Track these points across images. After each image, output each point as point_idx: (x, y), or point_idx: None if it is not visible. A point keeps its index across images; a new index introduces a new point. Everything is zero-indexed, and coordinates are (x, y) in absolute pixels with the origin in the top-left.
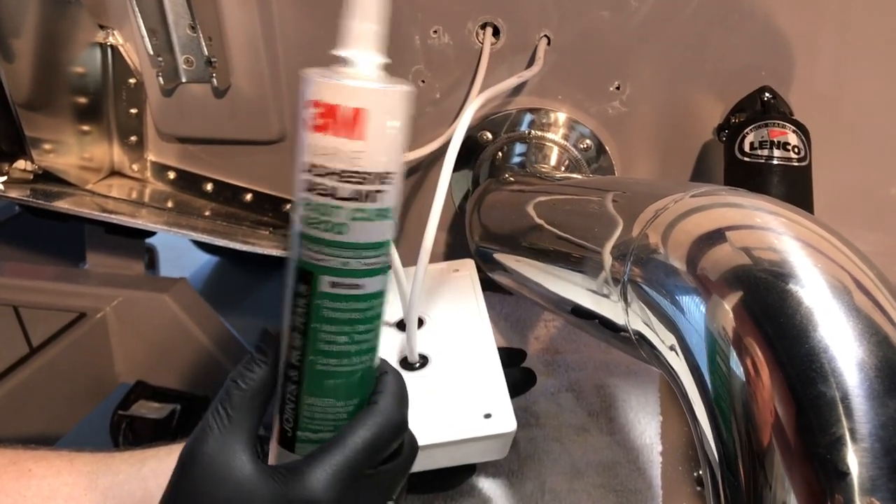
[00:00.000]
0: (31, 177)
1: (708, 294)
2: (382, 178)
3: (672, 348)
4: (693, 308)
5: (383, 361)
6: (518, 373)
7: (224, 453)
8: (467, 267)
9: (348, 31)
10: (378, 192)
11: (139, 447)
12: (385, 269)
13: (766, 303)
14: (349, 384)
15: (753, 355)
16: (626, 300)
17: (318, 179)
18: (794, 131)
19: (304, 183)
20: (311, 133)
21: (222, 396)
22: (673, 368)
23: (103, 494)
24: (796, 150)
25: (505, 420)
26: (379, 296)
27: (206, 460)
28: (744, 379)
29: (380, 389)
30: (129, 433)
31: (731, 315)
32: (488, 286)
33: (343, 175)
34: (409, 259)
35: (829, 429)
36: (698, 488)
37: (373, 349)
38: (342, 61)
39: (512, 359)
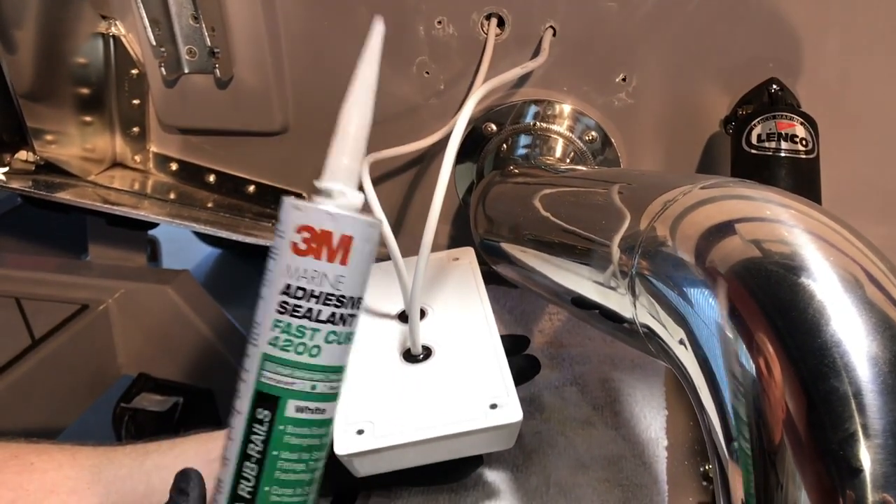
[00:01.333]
0: (33, 168)
1: (717, 287)
2: (355, 303)
3: (681, 342)
4: (702, 301)
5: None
6: (522, 360)
7: None
8: (467, 255)
9: (334, 166)
10: (352, 315)
11: (141, 441)
12: (339, 395)
13: (777, 296)
14: None
15: (764, 350)
16: (633, 293)
17: (297, 301)
18: (801, 123)
19: (278, 304)
20: (293, 256)
21: None
22: (682, 362)
23: (106, 489)
24: (804, 142)
25: (511, 410)
26: (331, 423)
27: None
28: (754, 374)
29: None
30: (131, 426)
31: (741, 309)
32: (492, 279)
33: (324, 298)
34: (411, 250)
35: (841, 425)
36: (704, 483)
37: (319, 480)
38: (326, 192)
39: (515, 346)
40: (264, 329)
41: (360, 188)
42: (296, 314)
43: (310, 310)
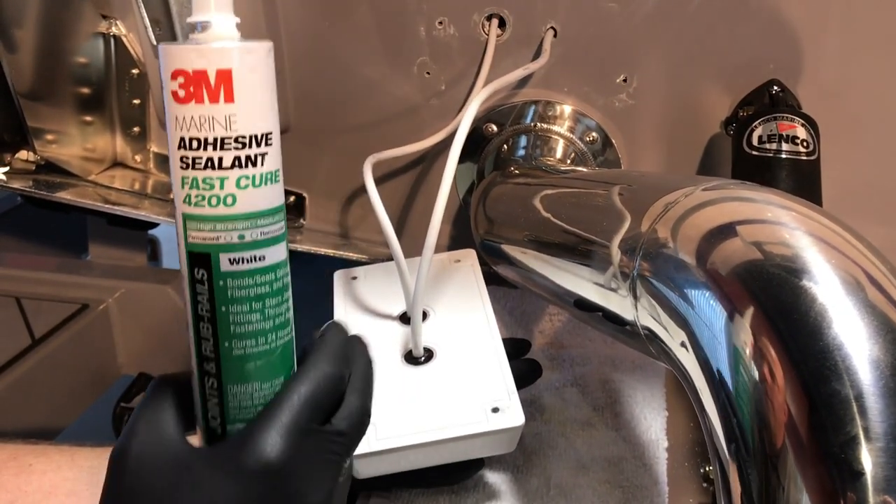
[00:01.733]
0: (34, 167)
1: (719, 289)
2: (262, 139)
3: (682, 344)
4: (704, 303)
5: (333, 324)
6: (523, 364)
7: (157, 439)
8: (469, 257)
9: None
10: (261, 154)
11: None
12: (284, 236)
13: (778, 299)
14: (271, 363)
15: (766, 353)
16: (634, 295)
17: (195, 153)
18: (802, 125)
19: (179, 161)
20: (177, 105)
21: (145, 398)
22: (683, 365)
23: None
24: (805, 143)
25: (513, 414)
26: (283, 265)
27: (139, 450)
28: (756, 376)
29: (316, 349)
30: None
31: (742, 311)
32: (493, 279)
33: (221, 143)
34: (414, 251)
35: (843, 427)
36: (705, 485)
37: (288, 322)
38: (197, 27)
39: (516, 350)
40: (176, 189)
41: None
42: (197, 166)
43: (209, 159)
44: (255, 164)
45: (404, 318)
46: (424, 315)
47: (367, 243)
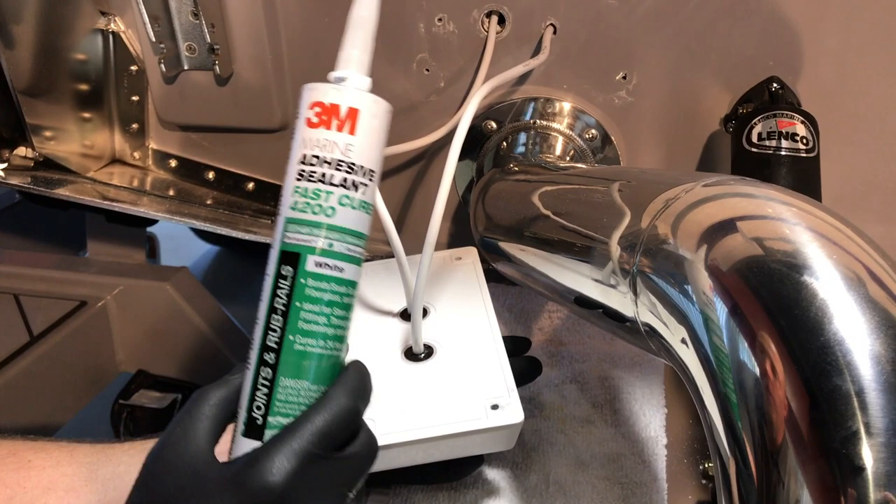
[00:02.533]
0: (32, 164)
1: (719, 285)
2: (367, 173)
3: (683, 341)
4: (704, 300)
5: (355, 362)
6: (523, 362)
7: (185, 447)
8: (470, 254)
9: (345, 57)
10: (363, 184)
11: (139, 438)
12: (361, 261)
13: (779, 294)
14: (321, 368)
15: (766, 348)
16: (634, 291)
17: (312, 168)
18: (802, 122)
19: (296, 173)
20: (308, 129)
21: (186, 405)
22: (683, 361)
23: (103, 486)
24: (805, 140)
25: (513, 411)
26: (354, 286)
27: (168, 455)
28: (757, 372)
29: (337, 381)
30: (129, 423)
31: (743, 307)
32: (492, 277)
33: (336, 164)
34: (413, 248)
35: (843, 423)
36: (704, 481)
37: (343, 339)
38: (338, 80)
39: (517, 347)
40: (286, 197)
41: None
42: (311, 179)
43: (323, 174)
44: (356, 189)
45: (405, 315)
46: (425, 312)
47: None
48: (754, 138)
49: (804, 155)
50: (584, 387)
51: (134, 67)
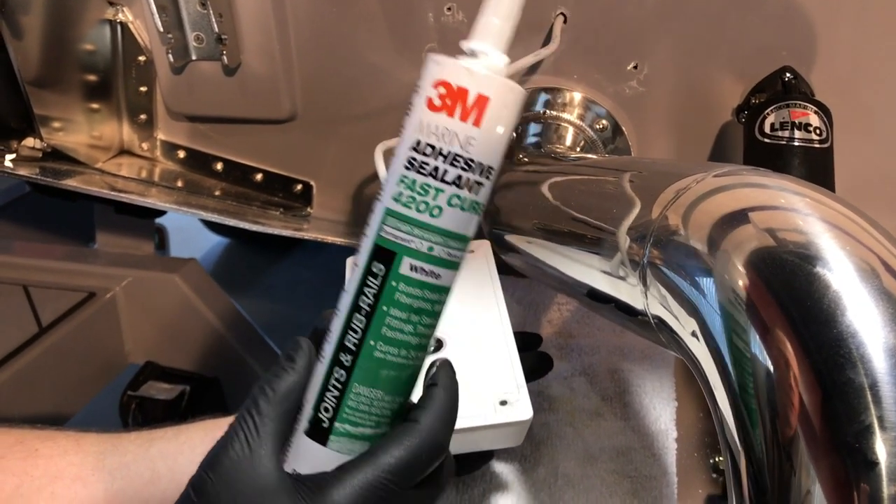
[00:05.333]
0: (40, 155)
1: (731, 277)
2: (485, 171)
3: (693, 333)
4: (715, 291)
5: (440, 369)
6: (534, 358)
7: (248, 461)
8: (483, 248)
9: (482, 26)
10: (479, 183)
11: (147, 427)
12: (459, 265)
13: (791, 286)
14: (400, 379)
15: (779, 341)
16: (644, 283)
17: (425, 158)
18: (815, 112)
19: (406, 159)
20: (427, 111)
21: (248, 404)
22: (694, 354)
23: (110, 475)
24: (818, 131)
25: (521, 408)
26: (447, 293)
27: (229, 466)
28: (768, 365)
29: (425, 405)
30: (138, 414)
31: (755, 299)
32: (500, 269)
33: (453, 158)
34: None
35: (857, 416)
36: (714, 475)
37: (426, 348)
38: (471, 53)
39: (527, 343)
40: (390, 184)
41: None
42: (422, 171)
43: (436, 168)
44: (469, 189)
45: None
46: None
47: None
48: (767, 129)
49: (817, 146)
50: (593, 379)
51: (142, 58)
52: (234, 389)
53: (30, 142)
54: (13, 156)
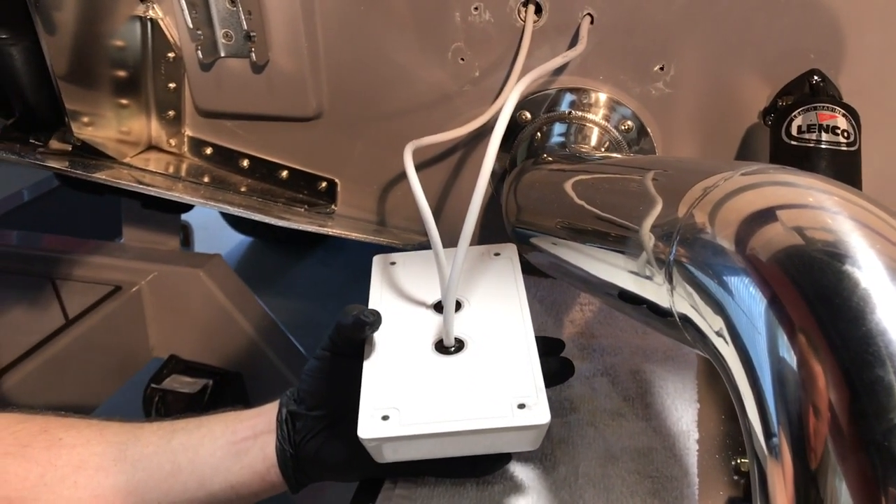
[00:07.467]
0: (70, 149)
1: (758, 275)
2: None
3: (719, 332)
4: (742, 290)
5: None
6: (555, 363)
7: None
8: (509, 251)
9: None
10: None
11: (168, 419)
12: None
13: (820, 284)
14: None
15: (806, 339)
16: (671, 282)
17: None
18: (843, 115)
19: None
20: None
21: None
22: (720, 353)
23: (132, 466)
24: (846, 134)
25: (539, 411)
26: None
27: None
28: (795, 363)
29: None
30: (161, 407)
31: (782, 297)
32: (522, 268)
33: None
34: (448, 240)
35: (885, 415)
36: (735, 477)
37: None
38: None
39: (549, 348)
40: None
41: None
42: None
43: None
44: None
45: (438, 307)
46: (459, 305)
47: (399, 229)
48: (794, 131)
49: (845, 148)
50: (615, 380)
51: (171, 54)
52: (257, 384)
53: (60, 135)
54: (44, 149)
